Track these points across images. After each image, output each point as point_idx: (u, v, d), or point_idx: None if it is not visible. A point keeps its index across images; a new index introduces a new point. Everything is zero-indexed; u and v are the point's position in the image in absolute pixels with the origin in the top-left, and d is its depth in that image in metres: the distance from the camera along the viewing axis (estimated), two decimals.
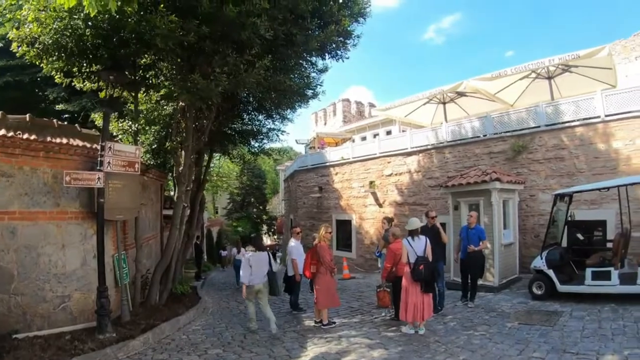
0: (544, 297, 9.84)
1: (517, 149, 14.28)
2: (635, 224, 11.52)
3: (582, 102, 13.60)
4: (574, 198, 11.67)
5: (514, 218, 12.79)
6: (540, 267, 10.02)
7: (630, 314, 8.08)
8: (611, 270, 9.07)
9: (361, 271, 18.38)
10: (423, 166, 17.21)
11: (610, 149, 12.77)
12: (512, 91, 17.08)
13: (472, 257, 9.80)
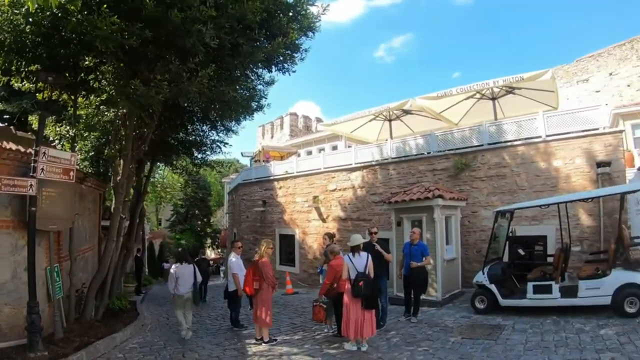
0: (487, 311, 9.96)
1: (460, 166, 14.48)
2: (575, 239, 12.10)
3: (525, 123, 14.01)
4: (516, 214, 11.87)
5: (456, 234, 12.96)
6: (482, 282, 10.12)
7: (572, 325, 8.27)
8: (552, 284, 9.29)
9: (304, 286, 18.12)
10: (367, 182, 17.17)
11: (551, 168, 13.18)
12: (457, 110, 17.39)
13: (415, 273, 9.82)
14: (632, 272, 8.70)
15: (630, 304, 8.39)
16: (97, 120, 12.21)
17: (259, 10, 8.30)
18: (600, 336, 7.46)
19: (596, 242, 12.22)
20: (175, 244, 40.88)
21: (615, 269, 8.92)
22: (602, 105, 14.02)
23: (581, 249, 12.31)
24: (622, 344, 6.91)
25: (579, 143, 12.89)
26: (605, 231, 12.03)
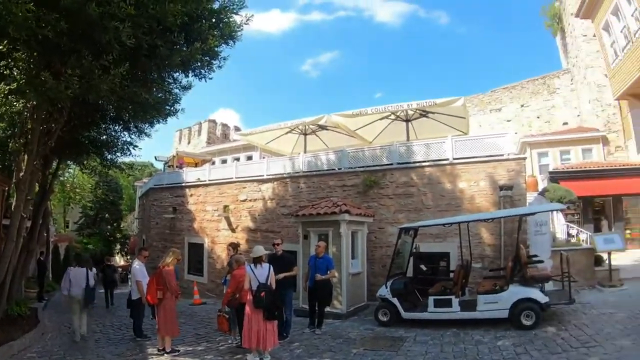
0: (390, 324, 10.26)
1: (369, 183, 14.78)
2: (477, 256, 12.77)
3: (434, 145, 14.65)
4: (420, 232, 12.30)
5: (362, 249, 13.23)
6: (385, 296, 10.48)
7: (471, 337, 8.68)
8: (452, 298, 9.78)
9: (212, 297, 17.69)
10: (277, 194, 17.10)
11: (456, 189, 13.84)
12: (372, 129, 17.84)
13: (319, 285, 9.95)
14: (528, 288, 9.36)
15: (527, 317, 8.94)
16: (4, 110, 11.61)
17: (181, 13, 8.09)
18: (497, 347, 7.89)
19: (497, 259, 12.92)
20: (82, 249, 38.73)
21: (513, 284, 9.50)
22: (508, 133, 14.74)
23: (482, 266, 12.94)
24: (518, 354, 7.35)
25: (484, 167, 13.63)
26: (505, 250, 12.71)
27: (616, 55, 19.98)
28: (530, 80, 32.85)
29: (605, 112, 25.76)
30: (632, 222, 21.20)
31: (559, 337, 8.15)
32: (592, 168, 21.23)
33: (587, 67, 26.88)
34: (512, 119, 32.23)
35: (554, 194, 16.50)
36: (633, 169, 20.90)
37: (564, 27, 32.14)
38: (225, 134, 39.99)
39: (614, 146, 25.11)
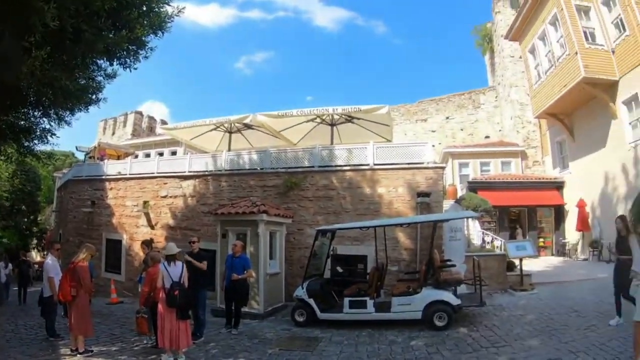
0: (306, 324, 10.35)
1: (289, 184, 14.81)
2: (394, 259, 13.10)
3: (356, 150, 14.91)
4: (338, 234, 12.55)
5: (280, 249, 13.29)
6: (301, 296, 10.55)
7: (385, 337, 8.89)
8: (367, 300, 9.99)
9: (130, 295, 17.06)
10: (198, 191, 16.80)
11: (375, 194, 14.15)
12: (297, 131, 17.85)
13: (236, 285, 9.92)
14: (441, 291, 9.71)
15: (440, 319, 9.31)
16: None
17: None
18: (410, 347, 8.13)
19: (413, 263, 13.32)
20: None
21: (426, 287, 9.86)
22: (428, 142, 15.21)
23: (399, 269, 13.28)
24: (430, 354, 7.59)
25: (404, 174, 14.03)
26: (421, 254, 13.09)
27: (539, 77, 21.39)
28: (457, 94, 34.52)
29: (525, 128, 27.45)
30: (545, 231, 22.88)
31: (470, 337, 8.51)
32: (509, 180, 22.68)
33: (512, 86, 28.55)
34: (436, 129, 33.61)
35: (469, 202, 17.19)
36: (548, 183, 22.74)
37: (493, 47, 33.86)
38: (152, 127, 38.96)
39: (532, 161, 26.74)
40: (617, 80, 17.46)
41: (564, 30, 18.61)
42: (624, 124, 17.45)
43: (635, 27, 16.20)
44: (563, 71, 19.06)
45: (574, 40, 17.81)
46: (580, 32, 18.04)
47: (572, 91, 18.64)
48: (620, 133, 17.68)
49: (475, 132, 33.25)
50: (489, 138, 32.26)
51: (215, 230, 14.00)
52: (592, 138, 19.70)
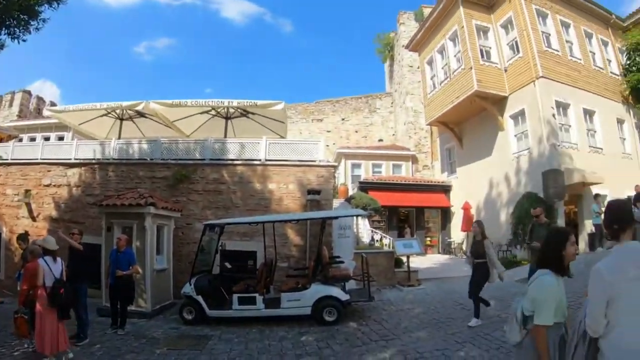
0: (195, 322, 9.94)
1: (179, 177, 14.26)
2: (284, 256, 13.09)
3: (248, 145, 14.66)
4: (228, 230, 12.23)
5: (168, 244, 12.65)
6: (189, 293, 10.12)
7: (275, 334, 8.79)
8: (256, 296, 9.80)
9: (10, 295, 15.64)
10: (84, 181, 15.72)
11: (265, 189, 14.02)
12: (191, 123, 17.26)
13: (121, 282, 9.34)
14: (329, 286, 9.79)
15: (329, 314, 9.43)
16: None
17: None
18: (301, 342, 8.10)
19: (303, 259, 13.28)
20: None
21: (315, 283, 9.87)
22: (320, 141, 15.13)
23: (288, 265, 13.19)
24: (320, 348, 7.61)
25: (295, 171, 14.02)
26: (310, 250, 13.09)
27: (434, 87, 22.61)
28: (354, 97, 35.49)
29: (417, 134, 28.76)
30: (432, 231, 24.27)
31: (360, 331, 8.65)
32: (400, 182, 23.57)
33: (408, 94, 29.81)
34: (332, 130, 34.31)
35: (359, 201, 17.53)
36: (436, 186, 23.97)
37: (393, 56, 35.05)
38: (40, 108, 35.94)
39: (422, 165, 28.13)
40: (507, 96, 19.07)
41: (462, 47, 19.75)
42: (510, 136, 19.04)
43: (528, 50, 17.92)
44: (457, 83, 20.23)
45: (470, 56, 19.00)
46: (477, 49, 19.31)
47: (464, 102, 19.87)
48: (506, 144, 19.19)
49: (369, 135, 34.36)
50: (382, 141, 33.55)
51: (100, 223, 13.27)
52: (479, 147, 21.11)
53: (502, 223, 18.26)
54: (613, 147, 19.91)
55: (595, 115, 19.60)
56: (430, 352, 6.98)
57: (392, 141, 33.14)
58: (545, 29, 19.18)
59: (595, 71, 20.68)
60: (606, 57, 21.81)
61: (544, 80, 17.65)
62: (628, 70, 21.32)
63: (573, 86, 18.87)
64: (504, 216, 18.66)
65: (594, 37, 21.39)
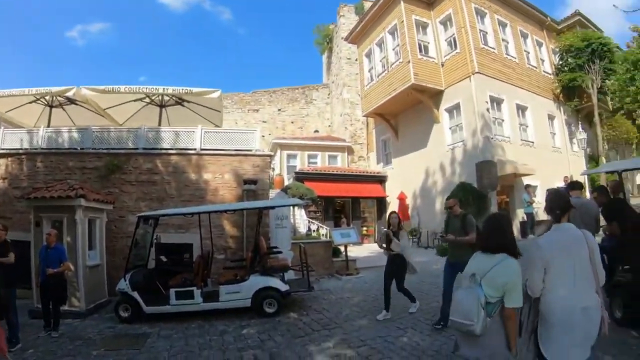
0: (132, 320, 9.47)
1: (111, 167, 13.62)
2: (220, 247, 12.82)
3: (183, 134, 14.20)
4: (163, 222, 11.84)
5: (101, 239, 12.04)
6: (125, 289, 9.64)
7: (215, 328, 8.54)
8: (194, 290, 9.48)
9: None
10: (11, 173, 14.73)
11: (201, 179, 13.64)
12: (124, 111, 16.57)
13: (52, 281, 8.78)
14: (268, 277, 9.66)
15: (269, 305, 9.32)
16: None
17: None
18: (242, 336, 7.91)
19: (240, 251, 13.02)
20: None
21: (253, 274, 9.71)
22: (256, 130, 14.91)
23: (226, 257, 12.93)
24: (262, 340, 7.47)
25: (231, 160, 13.75)
26: (247, 241, 12.88)
27: (371, 80, 22.91)
28: (291, 88, 35.46)
29: (353, 126, 29.08)
30: (369, 221, 24.69)
31: (301, 321, 8.59)
32: (335, 172, 23.81)
33: (345, 86, 30.05)
34: (268, 120, 34.22)
35: (296, 191, 17.53)
36: (372, 176, 24.45)
37: (332, 47, 35.17)
38: None
39: (358, 156, 28.51)
40: (443, 90, 19.65)
41: (401, 40, 20.09)
42: (445, 128, 19.61)
43: (465, 47, 18.55)
44: (395, 76, 20.61)
45: (409, 50, 19.37)
46: (416, 44, 19.71)
47: (401, 95, 20.30)
48: (441, 136, 19.75)
49: (305, 126, 34.51)
50: (318, 132, 33.73)
51: (29, 218, 12.65)
52: (415, 138, 21.67)
53: (437, 212, 18.73)
54: (544, 141, 21.11)
55: (527, 111, 20.68)
56: (372, 339, 7.02)
57: (328, 132, 33.42)
58: (483, 27, 19.95)
59: (529, 69, 21.90)
60: (540, 57, 23.22)
61: (480, 76, 18.27)
62: (560, 70, 23.19)
63: (507, 82, 19.80)
64: (439, 205, 19.17)
65: (529, 38, 22.65)
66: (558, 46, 23.79)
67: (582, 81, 21.88)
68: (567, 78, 22.26)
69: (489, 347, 3.40)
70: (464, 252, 6.60)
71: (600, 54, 22.17)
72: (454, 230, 7.33)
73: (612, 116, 26.42)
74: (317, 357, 6.45)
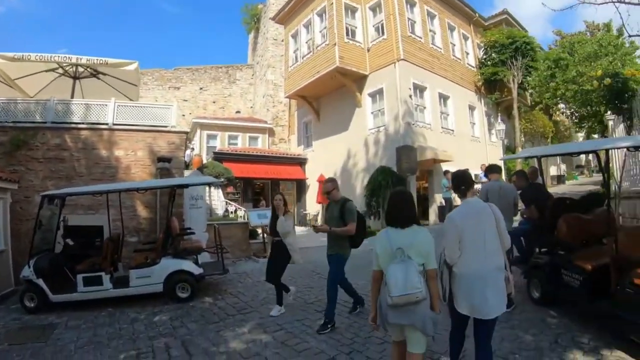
0: (38, 310, 8.69)
1: (17, 143, 12.49)
2: (132, 229, 12.28)
3: (95, 107, 13.39)
4: (70, 202, 11.07)
5: (4, 221, 11.00)
6: (29, 277, 8.79)
7: (127, 316, 8.04)
8: (102, 275, 8.82)
9: None
10: None
11: (112, 157, 12.95)
12: (35, 82, 15.32)
13: None
14: (180, 260, 9.24)
15: (182, 290, 8.91)
16: None
17: None
18: (154, 323, 7.48)
19: (153, 232, 12.54)
20: None
21: (165, 257, 9.26)
22: (173, 105, 14.39)
23: (138, 239, 12.39)
24: (175, 327, 7.10)
25: (144, 136, 13.17)
26: (161, 223, 12.40)
27: (296, 61, 22.81)
28: (214, 66, 34.75)
29: (275, 108, 28.93)
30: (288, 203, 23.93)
31: (216, 306, 8.32)
32: (256, 153, 23.51)
33: (269, 67, 29.75)
34: (189, 99, 33.47)
35: (212, 170, 17.14)
36: (292, 158, 24.53)
37: (259, 28, 34.70)
38: None
39: (279, 138, 28.47)
40: (367, 74, 19.85)
41: (329, 23, 20.02)
42: (367, 112, 19.88)
43: (392, 34, 18.81)
44: (320, 58, 20.49)
45: (336, 33, 19.32)
46: (343, 27, 19.70)
47: (325, 77, 20.25)
48: (363, 120, 20.01)
49: (227, 107, 34.05)
50: (240, 113, 33.35)
51: None
52: (336, 121, 21.80)
53: (358, 196, 18.82)
54: (464, 130, 21.99)
55: (449, 100, 21.35)
56: (290, 323, 6.87)
57: (250, 114, 33.10)
58: (412, 17, 20.36)
59: (454, 61, 22.75)
60: (465, 50, 24.22)
61: (405, 63, 18.56)
62: (483, 64, 24.54)
63: (431, 71, 20.36)
64: (359, 189, 19.32)
65: (456, 31, 23.56)
66: (483, 41, 25.26)
67: (503, 76, 23.26)
68: (489, 72, 23.50)
69: (420, 311, 3.64)
70: (342, 244, 6.48)
71: (523, 51, 23.67)
72: (332, 219, 6.57)
73: (530, 110, 28.04)
74: (231, 343, 6.20)
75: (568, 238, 6.49)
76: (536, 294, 6.89)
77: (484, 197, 6.70)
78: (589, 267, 5.82)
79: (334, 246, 6.55)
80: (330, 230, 6.42)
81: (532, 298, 6.89)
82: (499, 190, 6.74)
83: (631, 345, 4.89)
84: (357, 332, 6.20)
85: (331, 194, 6.71)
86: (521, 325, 5.98)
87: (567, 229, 6.50)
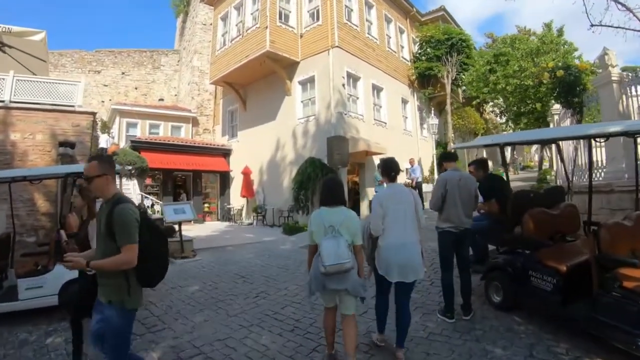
0: None
1: None
2: (30, 227, 10.70)
3: None
4: None
5: None
6: None
7: (15, 337, 6.26)
8: None
9: None
10: None
11: (7, 140, 11.27)
12: None
13: None
14: None
15: None
16: None
17: None
18: (46, 347, 5.83)
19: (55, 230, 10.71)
20: None
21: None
22: (80, 82, 12.83)
23: (37, 240, 10.56)
24: (69, 353, 5.28)
25: (45, 117, 11.61)
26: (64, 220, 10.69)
27: (224, 45, 21.87)
28: (138, 50, 33.24)
29: (200, 96, 27.64)
30: (211, 197, 23.71)
31: None
32: (177, 143, 21.93)
33: (196, 53, 28.55)
34: (110, 84, 31.88)
35: (123, 158, 15.73)
36: (215, 149, 23.19)
37: (188, 11, 33.35)
38: None
39: (203, 128, 27.18)
40: (298, 61, 18.99)
41: (261, 5, 18.99)
42: (297, 101, 18.97)
43: (328, 20, 18.08)
44: (249, 42, 19.35)
45: (268, 16, 18.27)
46: (276, 10, 18.73)
47: (254, 63, 19.12)
48: (292, 109, 19.08)
49: (150, 93, 32.58)
50: (163, 101, 31.98)
51: None
52: (264, 110, 20.78)
53: (285, 189, 18.02)
54: (396, 123, 21.68)
55: (382, 92, 20.92)
56: (210, 344, 5.51)
57: (174, 102, 31.55)
58: (349, 4, 19.80)
59: (389, 53, 22.50)
60: (400, 43, 24.18)
61: (339, 51, 17.86)
62: (417, 59, 24.72)
63: (365, 61, 19.87)
64: (287, 182, 18.48)
65: (392, 23, 23.47)
66: (419, 36, 25.53)
67: (437, 71, 23.35)
68: (423, 66, 23.65)
69: (351, 278, 4.24)
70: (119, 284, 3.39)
71: (458, 48, 24.07)
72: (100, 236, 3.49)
73: (462, 107, 28.17)
74: None
75: (535, 235, 5.83)
76: (497, 298, 6.20)
77: (443, 188, 5.86)
78: (564, 268, 5.17)
79: (105, 287, 3.47)
80: (88, 265, 3.34)
81: (492, 302, 6.19)
82: (458, 181, 5.94)
83: (613, 351, 4.47)
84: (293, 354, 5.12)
85: (94, 183, 3.49)
86: (487, 336, 5.20)
87: (534, 225, 5.85)
